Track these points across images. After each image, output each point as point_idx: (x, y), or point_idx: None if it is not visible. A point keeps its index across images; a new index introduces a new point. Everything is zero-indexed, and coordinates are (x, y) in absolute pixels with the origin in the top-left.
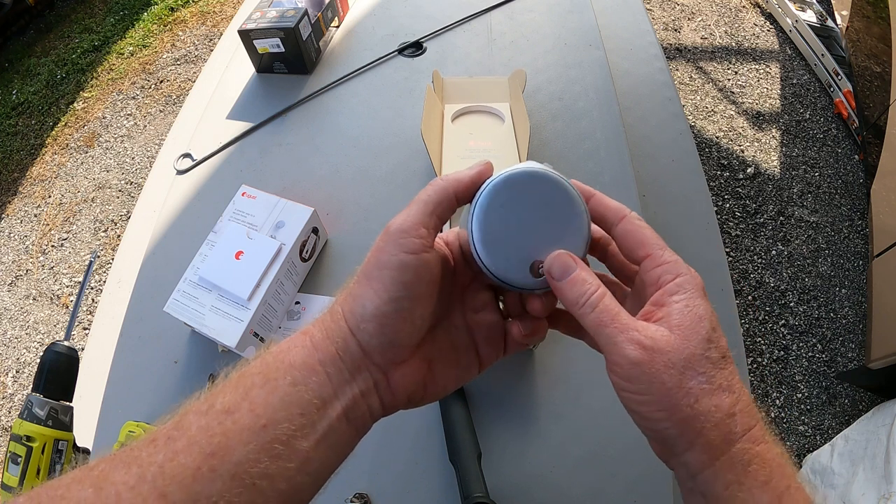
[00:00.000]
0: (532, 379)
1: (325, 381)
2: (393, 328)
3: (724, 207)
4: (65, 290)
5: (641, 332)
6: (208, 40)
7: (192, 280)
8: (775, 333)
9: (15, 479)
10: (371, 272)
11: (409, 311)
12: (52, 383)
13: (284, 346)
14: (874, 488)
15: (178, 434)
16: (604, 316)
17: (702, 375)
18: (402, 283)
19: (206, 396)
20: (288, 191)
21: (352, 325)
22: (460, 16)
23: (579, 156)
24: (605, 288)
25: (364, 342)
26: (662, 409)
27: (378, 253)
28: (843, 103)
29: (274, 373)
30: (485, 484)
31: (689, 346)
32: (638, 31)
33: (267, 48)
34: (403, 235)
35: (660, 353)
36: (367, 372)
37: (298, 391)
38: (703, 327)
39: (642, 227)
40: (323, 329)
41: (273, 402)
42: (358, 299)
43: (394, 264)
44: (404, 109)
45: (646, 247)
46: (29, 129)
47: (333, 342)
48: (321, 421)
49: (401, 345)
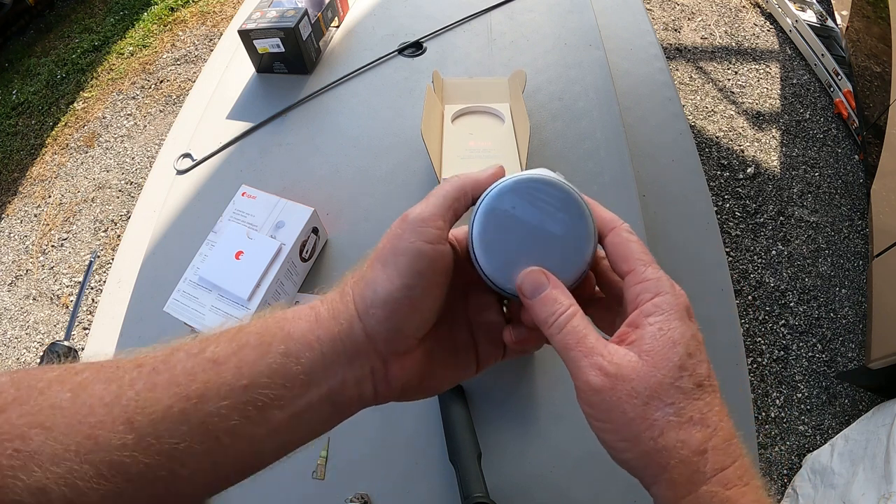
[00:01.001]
0: (532, 379)
1: (317, 358)
2: (402, 316)
3: (724, 207)
4: (65, 290)
5: (606, 358)
6: (208, 40)
7: (192, 280)
8: (775, 333)
9: None
10: (386, 258)
11: (419, 300)
12: None
13: (289, 314)
14: (874, 488)
15: (162, 367)
16: (569, 338)
17: (669, 406)
18: (417, 270)
19: (201, 339)
20: (288, 191)
21: (360, 308)
22: (460, 16)
23: (579, 156)
24: (576, 308)
25: (370, 327)
26: (624, 439)
27: (395, 239)
28: (843, 103)
29: (270, 337)
30: (485, 484)
31: (657, 374)
32: (638, 31)
33: (267, 48)
34: (422, 224)
35: (623, 381)
36: (365, 358)
37: (288, 362)
38: (675, 353)
39: (629, 240)
40: (330, 308)
41: (260, 366)
42: (370, 283)
43: (411, 251)
44: (404, 109)
45: (629, 261)
46: (29, 129)
47: (338, 323)
48: (302, 397)
49: (406, 335)
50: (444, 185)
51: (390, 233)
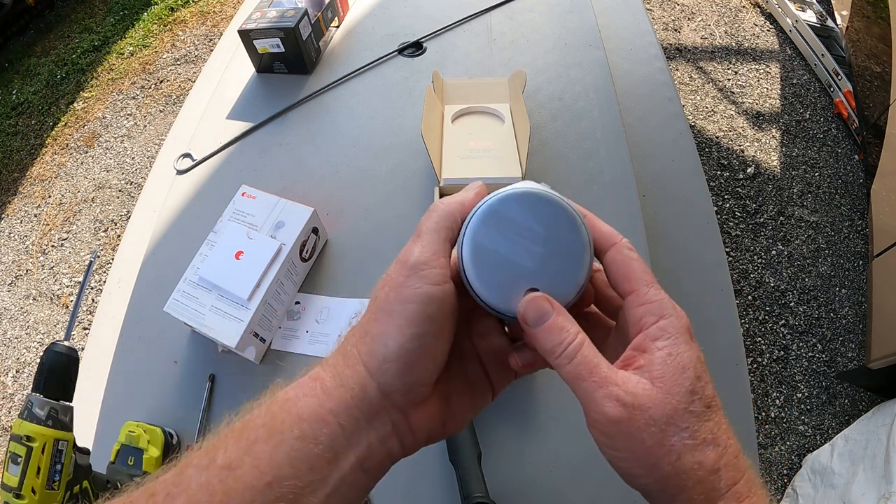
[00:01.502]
0: (532, 379)
1: (337, 432)
2: (417, 366)
3: (724, 207)
4: (65, 290)
5: (621, 387)
6: (208, 40)
7: (192, 280)
8: (775, 333)
9: (15, 479)
10: (392, 308)
11: (432, 346)
12: (52, 383)
13: (292, 395)
14: (874, 488)
15: (177, 490)
16: (581, 368)
17: (685, 431)
18: (428, 316)
19: (207, 448)
20: (288, 191)
21: (371, 367)
22: (460, 16)
23: (579, 156)
24: (583, 336)
25: (384, 384)
26: (642, 466)
27: (398, 288)
28: (843, 103)
29: (280, 425)
30: (485, 484)
31: (672, 401)
32: (638, 31)
33: (267, 48)
34: (424, 267)
35: (640, 410)
36: (385, 416)
37: (307, 445)
38: (686, 378)
39: (631, 258)
40: (335, 375)
41: (278, 457)
42: (378, 338)
43: (419, 297)
44: (404, 109)
45: (631, 281)
46: (29, 129)
47: (348, 389)
48: (332, 475)
49: (423, 383)
50: (429, 217)
51: (390, 282)
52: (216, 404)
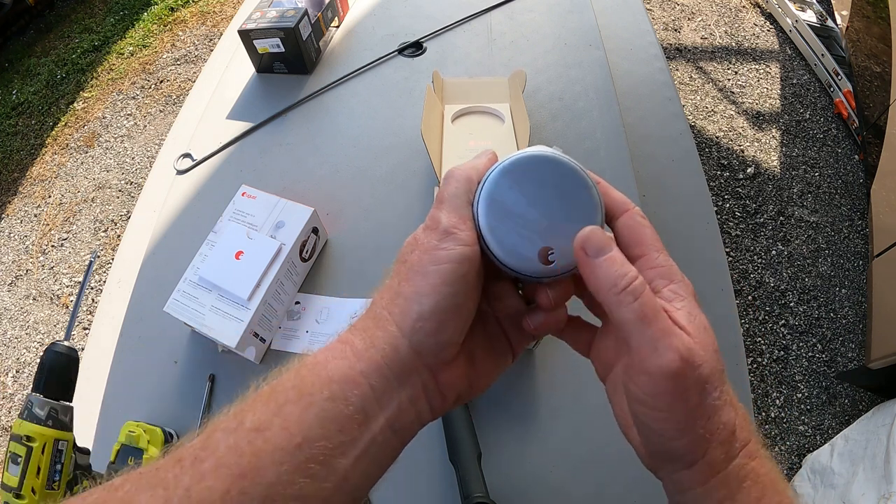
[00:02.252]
0: (532, 379)
1: (367, 392)
2: (449, 324)
3: (724, 207)
4: (65, 290)
5: (682, 340)
6: (208, 40)
7: (192, 280)
8: (775, 333)
9: (15, 479)
10: (425, 269)
11: (464, 305)
12: (52, 383)
13: (321, 358)
14: (874, 488)
15: (205, 454)
16: (648, 309)
17: (717, 391)
18: (461, 275)
19: (235, 412)
20: (288, 191)
21: (404, 326)
22: (460, 16)
23: (579, 156)
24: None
25: (417, 343)
26: (678, 427)
27: (431, 251)
28: (843, 103)
29: (309, 387)
30: (485, 484)
31: (711, 360)
32: (638, 31)
33: (267, 48)
34: (454, 230)
35: (692, 368)
36: (416, 376)
37: (337, 406)
38: (710, 337)
39: (643, 224)
40: (366, 337)
41: (308, 418)
42: (412, 298)
43: (453, 257)
44: (404, 109)
45: (642, 246)
46: (29, 129)
47: (379, 350)
48: (363, 436)
49: (453, 342)
50: (450, 184)
51: (421, 245)
52: (216, 404)
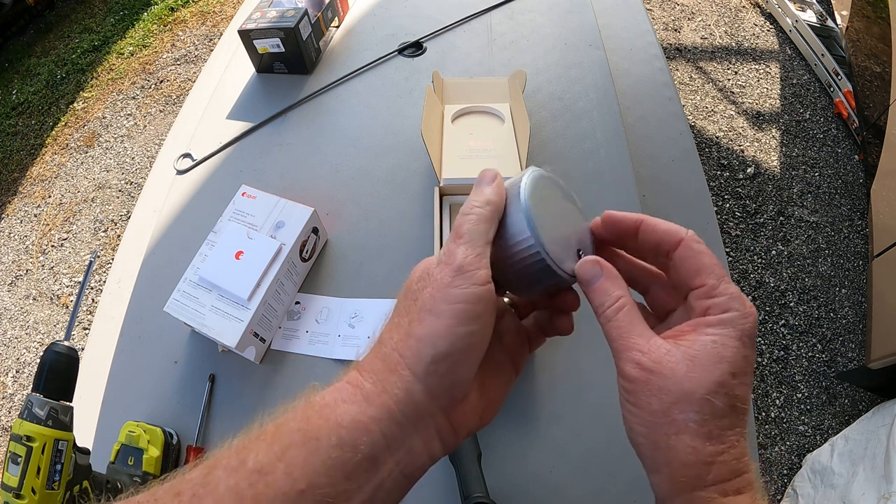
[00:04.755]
0: (532, 379)
1: (378, 440)
2: (464, 364)
3: (724, 207)
4: (65, 290)
5: (646, 354)
6: (208, 40)
7: (192, 280)
8: (775, 333)
9: (15, 479)
10: (438, 308)
11: (479, 344)
12: (52, 383)
13: (329, 399)
14: (874, 488)
15: (204, 492)
16: (615, 330)
17: (693, 413)
18: (476, 314)
19: (237, 448)
20: (288, 191)
21: (418, 370)
22: (460, 16)
23: (579, 156)
24: (625, 300)
25: (432, 386)
26: (643, 425)
27: (445, 288)
28: (843, 103)
29: (316, 431)
30: (485, 484)
31: (692, 382)
32: (638, 31)
33: (267, 48)
34: (470, 268)
35: (657, 377)
36: (430, 419)
37: (345, 454)
38: (719, 369)
39: (700, 252)
40: (377, 381)
41: (314, 464)
42: (425, 339)
43: (467, 297)
44: (404, 109)
45: (701, 276)
46: (29, 129)
47: (391, 395)
48: (370, 482)
49: (467, 380)
50: (469, 220)
51: (434, 282)
52: (216, 404)
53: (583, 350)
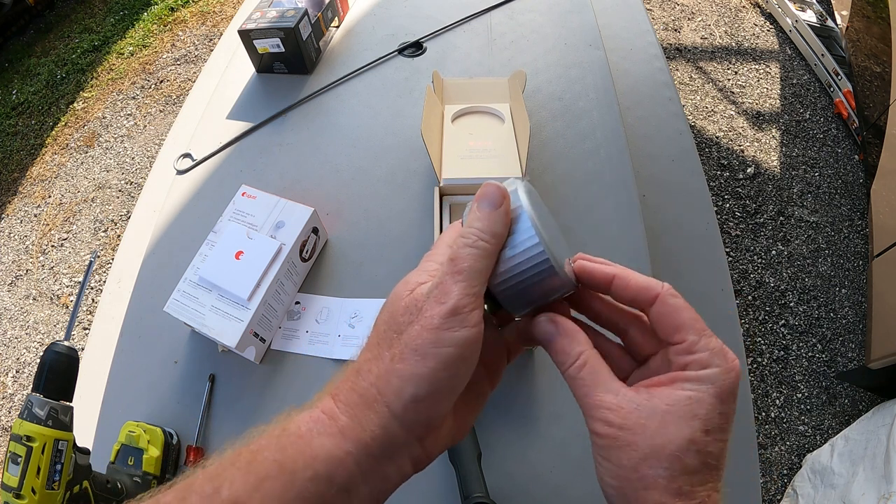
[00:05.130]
0: (532, 379)
1: (354, 472)
2: (444, 402)
3: (724, 207)
4: (65, 290)
5: (613, 412)
6: (208, 40)
7: (192, 280)
8: (775, 333)
9: (15, 479)
10: (426, 350)
11: (461, 383)
12: (52, 383)
13: (305, 430)
14: (874, 488)
15: None
16: (579, 389)
17: (663, 469)
18: (464, 358)
19: (211, 474)
20: (288, 191)
21: (397, 408)
22: (460, 16)
23: (579, 155)
24: (586, 355)
25: (410, 422)
26: (614, 478)
27: (434, 330)
28: (843, 103)
29: (292, 463)
30: (485, 484)
31: (662, 438)
32: (638, 31)
33: (267, 48)
34: (464, 310)
35: (627, 432)
36: (405, 449)
37: (319, 487)
38: (690, 427)
39: (678, 307)
40: (353, 415)
41: (289, 497)
42: (409, 380)
43: (458, 341)
44: (404, 109)
45: (681, 332)
46: (29, 129)
47: (366, 430)
48: None
49: (445, 413)
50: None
51: (425, 321)
52: (216, 404)
53: None
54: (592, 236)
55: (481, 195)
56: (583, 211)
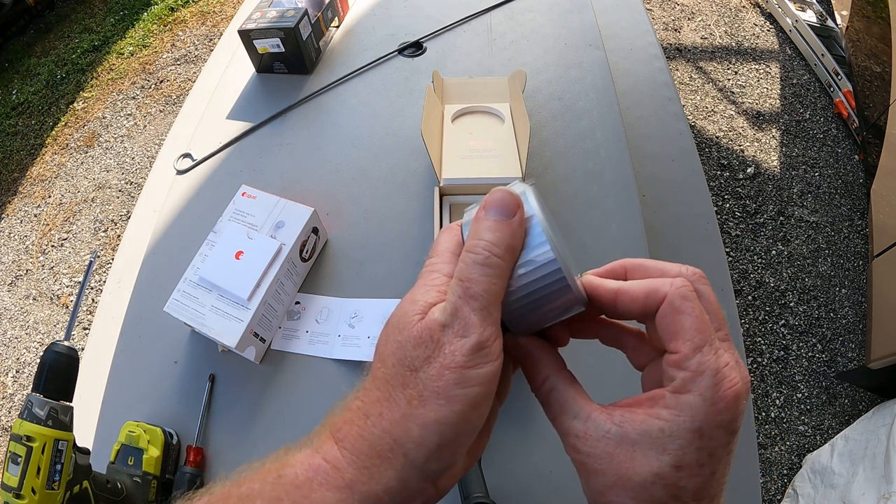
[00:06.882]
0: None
1: None
2: (469, 442)
3: (724, 207)
4: (65, 290)
5: (581, 439)
6: (208, 40)
7: (192, 280)
8: (775, 333)
9: (15, 479)
10: (448, 391)
11: (485, 417)
12: (52, 383)
13: (303, 479)
14: (874, 488)
15: None
16: (549, 413)
17: (630, 500)
18: (490, 393)
19: None
20: (288, 191)
21: (417, 458)
22: (460, 16)
23: (579, 155)
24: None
25: (431, 471)
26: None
27: (458, 369)
28: (843, 103)
29: None
30: (485, 484)
31: (627, 470)
32: (638, 31)
33: (267, 48)
34: (487, 342)
35: (594, 459)
36: (418, 496)
37: None
38: (659, 462)
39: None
40: (362, 466)
41: None
42: (432, 428)
43: (485, 378)
44: (404, 109)
45: (676, 342)
46: (29, 129)
47: (379, 483)
48: None
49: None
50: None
51: (445, 360)
52: (216, 404)
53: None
54: (592, 236)
55: (491, 202)
56: (583, 210)
